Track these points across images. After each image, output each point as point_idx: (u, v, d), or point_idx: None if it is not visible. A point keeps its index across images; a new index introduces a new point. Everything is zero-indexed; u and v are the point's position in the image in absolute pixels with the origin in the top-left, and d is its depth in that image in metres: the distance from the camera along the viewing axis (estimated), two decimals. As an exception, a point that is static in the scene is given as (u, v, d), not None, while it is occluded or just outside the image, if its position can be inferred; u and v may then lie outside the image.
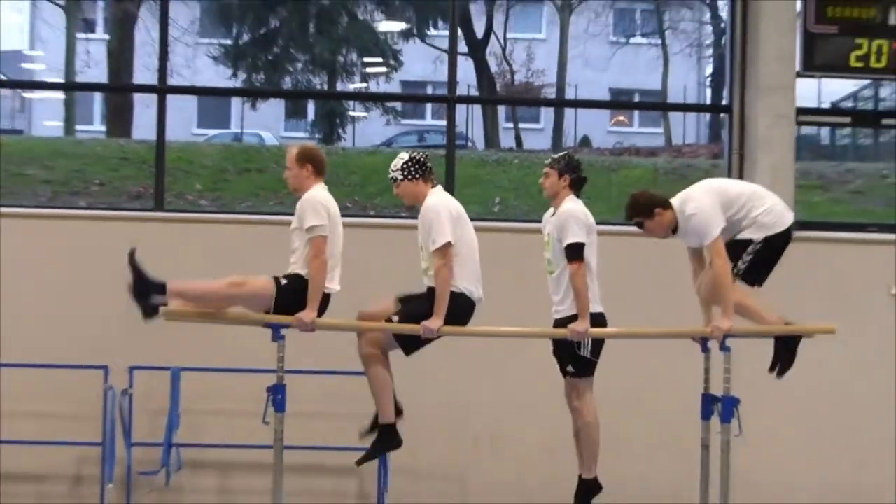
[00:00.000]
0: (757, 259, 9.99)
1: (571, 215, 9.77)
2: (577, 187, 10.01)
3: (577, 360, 9.87)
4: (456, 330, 9.67)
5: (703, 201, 9.98)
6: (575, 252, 9.64)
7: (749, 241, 9.96)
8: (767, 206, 10.11)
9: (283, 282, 9.59)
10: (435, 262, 9.53)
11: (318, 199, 9.69)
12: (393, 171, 9.90)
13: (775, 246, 10.09)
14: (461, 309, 9.73)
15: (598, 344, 9.87)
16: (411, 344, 9.82)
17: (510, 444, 13.40)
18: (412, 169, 9.81)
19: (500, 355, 12.57)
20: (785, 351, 10.19)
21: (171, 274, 13.02)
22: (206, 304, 9.85)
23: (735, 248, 9.99)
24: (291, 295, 9.58)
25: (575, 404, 10.05)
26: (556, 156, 10.29)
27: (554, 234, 9.90)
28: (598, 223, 10.33)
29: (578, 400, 10.04)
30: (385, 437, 10.13)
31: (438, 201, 9.78)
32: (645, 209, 9.96)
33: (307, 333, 9.61)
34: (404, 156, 10.04)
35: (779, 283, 10.43)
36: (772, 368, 10.18)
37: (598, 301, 9.89)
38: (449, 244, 9.48)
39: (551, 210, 10.07)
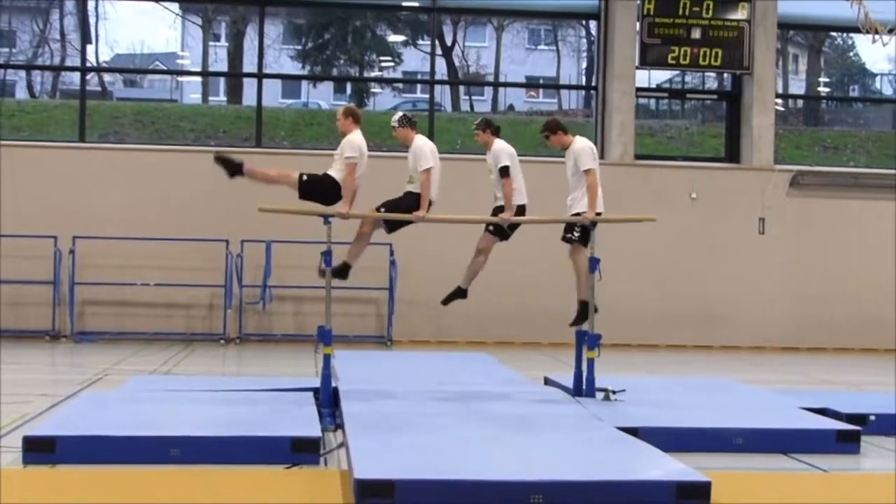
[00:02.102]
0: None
1: (501, 151, 11.27)
2: (497, 133, 11.48)
3: (502, 232, 11.35)
4: (434, 217, 11.17)
5: (589, 146, 11.35)
6: (505, 171, 11.08)
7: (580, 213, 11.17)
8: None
9: (304, 177, 10.96)
10: (421, 178, 10.84)
11: (354, 140, 11.03)
12: (393, 122, 11.34)
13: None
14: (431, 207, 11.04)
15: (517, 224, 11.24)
16: (395, 227, 11.28)
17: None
18: (404, 121, 11.26)
19: (461, 231, 13.12)
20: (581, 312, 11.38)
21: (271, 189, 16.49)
22: (263, 181, 11.24)
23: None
24: (309, 185, 10.96)
25: (478, 250, 11.48)
26: (476, 121, 11.78)
27: (492, 162, 11.30)
28: (518, 156, 11.24)
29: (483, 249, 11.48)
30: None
31: (423, 142, 11.20)
32: (552, 128, 11.48)
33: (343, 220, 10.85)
34: (400, 113, 11.68)
35: (624, 191, 12.48)
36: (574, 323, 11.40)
37: (524, 196, 11.26)
38: (430, 168, 10.88)
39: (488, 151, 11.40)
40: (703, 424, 9.69)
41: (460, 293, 11.61)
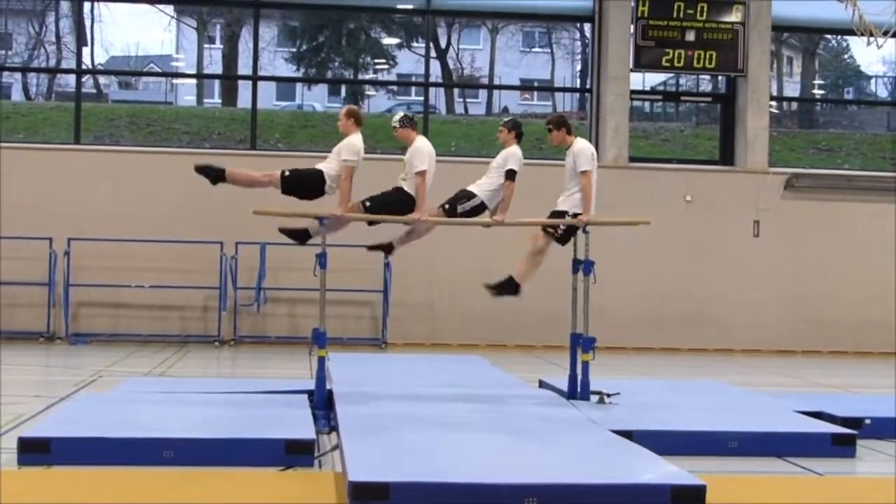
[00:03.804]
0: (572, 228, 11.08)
1: (513, 154, 11.16)
2: (519, 139, 11.39)
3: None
4: (432, 220, 11.05)
5: (589, 149, 11.31)
6: (510, 175, 10.98)
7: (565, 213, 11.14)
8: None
9: (286, 172, 10.76)
10: (416, 180, 10.72)
11: (354, 143, 10.86)
12: (394, 122, 11.20)
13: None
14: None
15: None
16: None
17: (457, 286, 15.51)
18: (406, 121, 11.15)
19: (456, 234, 14.03)
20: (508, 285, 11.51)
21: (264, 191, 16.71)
22: (246, 184, 11.09)
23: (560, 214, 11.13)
24: (291, 179, 10.75)
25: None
26: (506, 119, 11.73)
27: (500, 162, 11.16)
28: (511, 158, 11.03)
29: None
30: None
31: (423, 144, 11.05)
32: (558, 123, 11.47)
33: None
34: (401, 112, 11.73)
35: (618, 194, 12.49)
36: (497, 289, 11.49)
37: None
38: (424, 171, 10.78)
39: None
40: (697, 427, 9.64)
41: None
